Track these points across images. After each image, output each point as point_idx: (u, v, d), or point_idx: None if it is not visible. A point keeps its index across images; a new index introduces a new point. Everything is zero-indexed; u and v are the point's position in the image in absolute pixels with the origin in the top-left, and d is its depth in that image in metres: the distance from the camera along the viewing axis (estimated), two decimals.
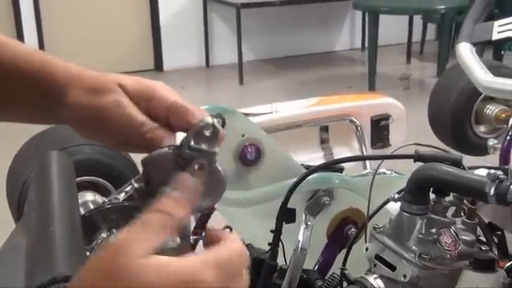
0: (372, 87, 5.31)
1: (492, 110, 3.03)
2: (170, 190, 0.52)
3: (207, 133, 0.57)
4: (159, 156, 0.58)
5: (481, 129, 3.09)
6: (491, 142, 2.05)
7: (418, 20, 6.66)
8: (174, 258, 0.48)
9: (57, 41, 6.06)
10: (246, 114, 1.69)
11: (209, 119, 0.58)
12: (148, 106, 0.63)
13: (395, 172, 1.47)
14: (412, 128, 2.11)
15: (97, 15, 6.24)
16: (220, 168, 0.57)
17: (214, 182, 0.57)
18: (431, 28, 7.08)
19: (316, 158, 1.94)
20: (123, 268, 0.46)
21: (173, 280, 0.46)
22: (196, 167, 0.56)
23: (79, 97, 0.64)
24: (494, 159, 2.05)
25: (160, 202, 0.51)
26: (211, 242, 0.52)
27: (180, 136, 0.59)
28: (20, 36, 5.90)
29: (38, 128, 2.14)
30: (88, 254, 1.46)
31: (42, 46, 6.01)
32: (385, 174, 1.45)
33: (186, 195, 0.52)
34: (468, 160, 1.03)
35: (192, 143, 0.56)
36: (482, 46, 4.51)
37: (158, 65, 6.52)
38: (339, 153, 2.02)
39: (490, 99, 3.01)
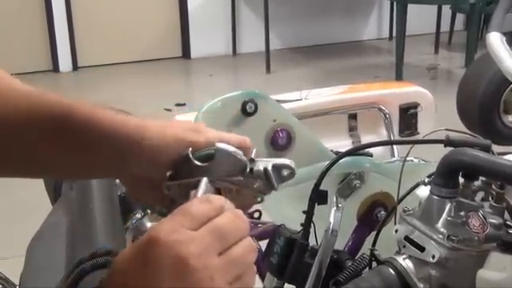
0: (399, 77, 5.29)
1: None
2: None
3: (285, 172, 0.63)
4: (232, 154, 0.62)
5: (509, 118, 3.09)
6: None
7: (446, 10, 6.61)
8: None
9: (86, 29, 6.13)
10: (277, 101, 1.72)
11: (293, 164, 0.64)
12: None
13: (423, 160, 1.48)
14: (440, 118, 2.12)
15: (125, 3, 6.30)
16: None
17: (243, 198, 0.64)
18: (460, 18, 7.03)
19: (344, 145, 1.95)
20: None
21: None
22: (254, 186, 0.62)
23: (136, 168, 0.70)
24: None
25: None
26: None
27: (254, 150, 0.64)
28: (51, 26, 5.98)
29: None
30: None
31: (72, 34, 6.08)
32: (412, 161, 1.46)
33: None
34: (496, 149, 1.05)
35: (270, 169, 0.62)
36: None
37: (186, 52, 6.57)
38: (367, 140, 2.02)
39: None
